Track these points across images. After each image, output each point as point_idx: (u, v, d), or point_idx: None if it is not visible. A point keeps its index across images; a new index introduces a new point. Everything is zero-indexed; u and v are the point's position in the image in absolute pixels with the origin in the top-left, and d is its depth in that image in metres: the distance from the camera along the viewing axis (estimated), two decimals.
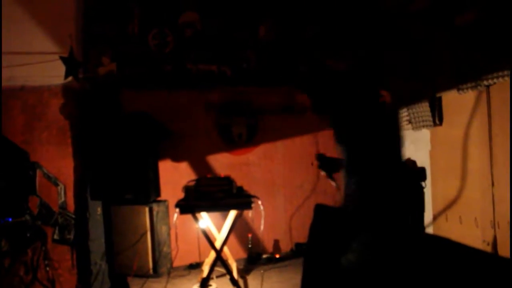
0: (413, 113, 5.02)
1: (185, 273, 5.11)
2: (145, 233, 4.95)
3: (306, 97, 5.43)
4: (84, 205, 4.96)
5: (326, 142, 5.84)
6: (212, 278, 4.72)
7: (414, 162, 5.17)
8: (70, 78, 4.69)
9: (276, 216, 5.66)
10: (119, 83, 5.03)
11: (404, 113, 5.13)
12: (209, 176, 4.69)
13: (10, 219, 4.42)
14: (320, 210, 2.07)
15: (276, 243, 5.68)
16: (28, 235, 4.54)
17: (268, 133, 5.67)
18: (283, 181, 5.74)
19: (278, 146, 5.73)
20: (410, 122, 5.06)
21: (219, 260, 4.34)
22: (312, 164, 5.82)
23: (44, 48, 4.78)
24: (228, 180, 4.47)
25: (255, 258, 5.39)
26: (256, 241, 5.53)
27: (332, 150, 5.83)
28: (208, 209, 4.38)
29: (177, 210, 4.31)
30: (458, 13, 4.38)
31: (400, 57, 4.98)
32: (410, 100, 5.03)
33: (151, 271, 4.95)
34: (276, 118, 5.67)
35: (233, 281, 4.24)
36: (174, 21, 5.29)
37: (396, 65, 5.02)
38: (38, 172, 4.80)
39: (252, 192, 4.70)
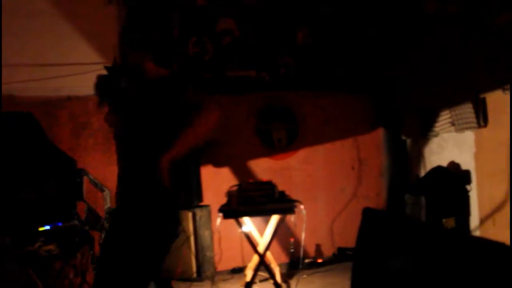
0: (456, 115, 4.93)
1: (228, 277, 5.16)
2: (189, 237, 5.02)
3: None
4: None
5: (367, 146, 5.81)
6: (255, 283, 4.75)
7: (458, 166, 5.09)
8: None
9: (317, 221, 5.65)
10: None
11: (446, 115, 5.04)
12: (251, 181, 4.73)
13: (60, 224, 4.56)
14: (368, 214, 2.05)
15: (318, 247, 5.67)
16: (76, 239, 4.66)
17: (308, 137, 5.68)
18: (324, 185, 5.72)
19: (318, 150, 5.72)
20: (453, 124, 4.97)
21: (263, 264, 4.36)
22: (353, 168, 5.80)
23: (89, 59, 4.92)
24: (270, 185, 4.50)
25: (297, 262, 5.38)
26: (298, 245, 5.52)
27: (374, 155, 5.83)
28: (251, 213, 4.41)
29: (220, 214, 4.35)
30: (497, 14, 4.31)
31: (440, 59, 4.92)
32: (452, 102, 4.94)
33: (194, 275, 5.02)
34: (315, 122, 5.67)
35: (277, 285, 4.25)
36: (212, 28, 5.37)
37: (435, 67, 4.95)
38: (84, 178, 4.93)
39: (293, 197, 4.70)
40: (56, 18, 4.97)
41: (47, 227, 4.41)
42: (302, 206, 4.52)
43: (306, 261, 5.46)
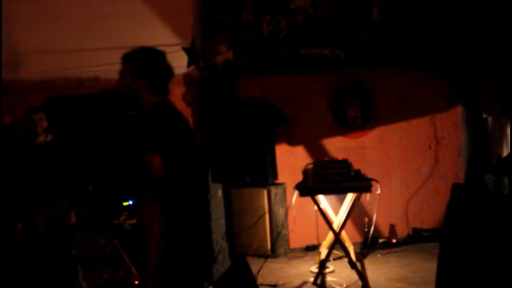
0: None
1: (302, 254, 5.22)
2: (264, 215, 5.12)
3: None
4: (206, 187, 5.20)
5: (444, 124, 5.63)
6: (329, 260, 4.78)
7: None
8: (191, 67, 4.94)
9: (392, 201, 5.57)
10: (236, 70, 5.22)
11: None
12: (326, 159, 4.73)
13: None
14: (458, 190, 2.00)
15: (392, 227, 5.60)
16: None
17: (384, 116, 5.58)
18: (399, 165, 5.61)
19: (394, 128, 5.61)
20: None
21: (338, 242, 4.38)
22: (430, 147, 5.64)
23: (167, 40, 5.05)
24: (345, 163, 4.48)
25: (371, 242, 5.35)
26: (372, 225, 5.47)
27: (452, 133, 5.64)
28: (327, 191, 4.43)
29: (296, 192, 4.40)
30: None
31: None
32: None
33: (269, 251, 5.13)
34: (391, 100, 5.55)
35: (352, 263, 4.25)
36: (286, 6, 5.36)
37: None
38: None
39: (368, 176, 4.66)
40: (135, 1, 5.13)
41: (131, 202, 4.62)
42: (378, 185, 4.47)
43: (380, 241, 5.41)
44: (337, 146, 5.50)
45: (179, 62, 4.98)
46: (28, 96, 4.75)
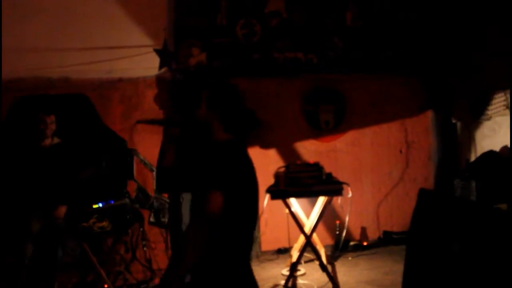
0: None
1: (273, 257, 5.23)
2: None
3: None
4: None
5: (415, 129, 5.72)
6: (301, 263, 4.80)
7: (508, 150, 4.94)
8: (164, 69, 4.91)
9: (363, 204, 5.63)
10: (209, 73, 5.20)
11: (500, 98, 4.90)
12: (298, 162, 4.76)
13: (112, 202, 4.72)
14: (424, 195, 2.03)
15: (363, 230, 5.65)
16: (128, 217, 4.82)
17: (356, 120, 5.64)
18: (371, 168, 5.68)
19: (365, 132, 5.68)
20: (507, 107, 4.82)
21: (309, 245, 4.40)
22: (400, 151, 5.72)
23: (140, 42, 5.02)
24: (317, 167, 4.52)
25: (342, 245, 5.39)
26: (343, 228, 5.52)
27: (422, 137, 5.73)
28: (299, 195, 4.45)
29: (268, 195, 4.41)
30: None
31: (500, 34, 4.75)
32: (508, 84, 4.79)
33: None
34: (363, 104, 5.62)
35: (322, 266, 4.28)
36: (260, 10, 5.38)
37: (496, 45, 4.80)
38: (135, 158, 5.07)
39: (340, 179, 4.70)
40: (108, 2, 5.08)
41: (100, 205, 4.57)
42: (349, 189, 4.51)
43: (352, 243, 5.46)
44: (309, 150, 5.54)
45: (151, 64, 4.96)
46: None
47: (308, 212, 4.81)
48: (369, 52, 5.39)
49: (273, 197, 4.36)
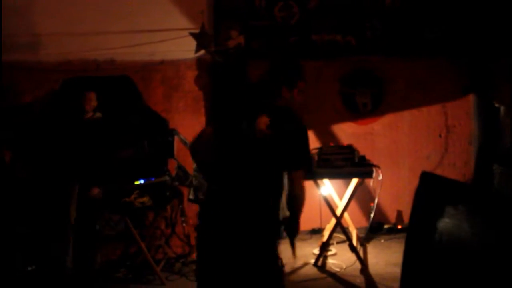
0: None
1: (307, 237, 5.33)
2: None
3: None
4: None
5: (455, 113, 5.61)
6: (333, 244, 4.89)
7: None
8: (202, 52, 5.05)
9: (400, 187, 5.60)
10: (247, 55, 5.30)
11: None
12: (331, 144, 4.81)
13: (153, 179, 4.95)
14: (426, 178, 2.06)
15: (399, 214, 5.64)
16: (167, 193, 5.04)
17: (394, 103, 5.59)
18: (408, 152, 5.63)
19: (404, 116, 5.62)
20: None
21: (339, 226, 4.47)
22: (440, 136, 5.64)
23: (181, 24, 5.17)
24: (350, 149, 4.56)
25: (376, 227, 5.42)
26: (379, 211, 5.53)
27: (463, 122, 5.62)
28: (329, 176, 4.51)
29: None
30: None
31: None
32: None
33: None
34: (402, 87, 5.56)
35: (352, 247, 4.35)
36: None
37: None
38: (175, 138, 5.27)
39: (376, 162, 4.72)
40: None
41: (142, 181, 4.80)
42: (380, 171, 4.53)
43: (386, 226, 5.47)
44: (346, 132, 5.55)
45: (191, 46, 5.11)
46: (47, 77, 4.96)
47: (342, 194, 4.86)
48: (408, 33, 5.31)
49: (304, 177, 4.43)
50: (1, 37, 4.72)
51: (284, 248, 4.90)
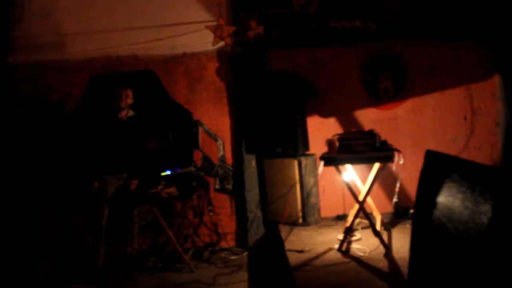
0: None
1: (332, 223, 5.36)
2: (295, 184, 5.30)
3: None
4: (241, 158, 5.41)
5: (481, 95, 5.52)
6: (357, 229, 4.91)
7: None
8: (221, 43, 5.12)
9: None
10: (267, 45, 5.34)
11: None
12: (353, 130, 4.82)
13: (179, 170, 5.07)
14: (431, 157, 2.08)
15: None
16: (193, 184, 5.16)
17: (417, 87, 5.55)
18: (433, 136, 5.57)
19: (427, 99, 5.56)
20: None
21: (362, 211, 4.48)
22: (465, 118, 5.57)
23: (200, 17, 5.24)
24: (371, 134, 4.55)
25: (402, 212, 5.41)
26: (405, 196, 5.50)
27: (489, 104, 5.52)
28: (350, 161, 4.52)
29: (322, 162, 4.53)
30: None
31: None
32: None
33: (300, 220, 5.31)
34: (424, 70, 5.51)
35: (375, 231, 4.36)
36: None
37: None
38: (200, 129, 5.38)
39: (400, 147, 4.71)
40: None
41: (168, 172, 4.92)
42: (401, 156, 4.52)
43: (412, 211, 5.44)
44: (369, 118, 5.54)
45: (211, 38, 5.18)
46: (73, 75, 5.12)
47: (366, 180, 4.86)
48: (429, 15, 5.24)
49: (326, 163, 4.48)
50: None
51: (308, 235, 5.01)
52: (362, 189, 4.82)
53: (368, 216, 4.44)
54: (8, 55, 5.09)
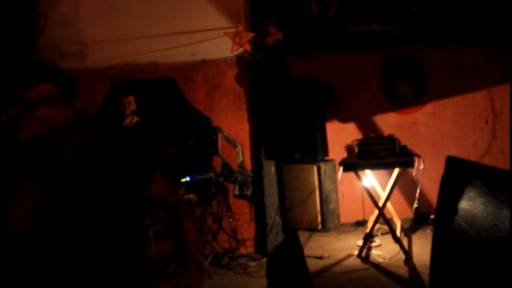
0: None
1: (352, 229, 5.33)
2: (314, 190, 5.28)
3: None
4: (259, 164, 5.43)
5: (502, 98, 5.44)
6: (377, 235, 4.88)
7: None
8: (240, 49, 5.15)
9: None
10: (286, 50, 5.36)
11: None
12: (372, 135, 4.80)
13: (198, 176, 5.11)
14: (452, 163, 2.05)
15: None
16: (213, 190, 5.19)
17: (437, 91, 5.49)
18: (454, 140, 5.51)
19: (447, 103, 5.50)
20: None
21: (382, 217, 4.45)
22: (486, 122, 5.50)
23: (219, 24, 5.29)
24: (391, 139, 4.53)
25: (422, 218, 5.34)
26: (426, 201, 5.44)
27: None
28: (369, 167, 4.50)
29: (341, 168, 4.52)
30: None
31: None
32: None
33: (319, 226, 5.29)
34: (444, 74, 5.45)
35: (395, 237, 4.33)
36: None
37: None
38: (219, 135, 5.42)
39: (420, 152, 4.68)
40: None
41: (188, 179, 4.96)
42: (421, 161, 4.48)
43: (432, 217, 5.38)
44: (389, 123, 5.50)
45: (230, 45, 5.22)
46: (94, 83, 5.20)
47: (386, 185, 4.83)
48: (448, 19, 5.20)
49: (345, 169, 4.46)
50: None
51: (328, 241, 4.99)
52: (382, 194, 4.79)
53: (388, 222, 4.41)
54: None
